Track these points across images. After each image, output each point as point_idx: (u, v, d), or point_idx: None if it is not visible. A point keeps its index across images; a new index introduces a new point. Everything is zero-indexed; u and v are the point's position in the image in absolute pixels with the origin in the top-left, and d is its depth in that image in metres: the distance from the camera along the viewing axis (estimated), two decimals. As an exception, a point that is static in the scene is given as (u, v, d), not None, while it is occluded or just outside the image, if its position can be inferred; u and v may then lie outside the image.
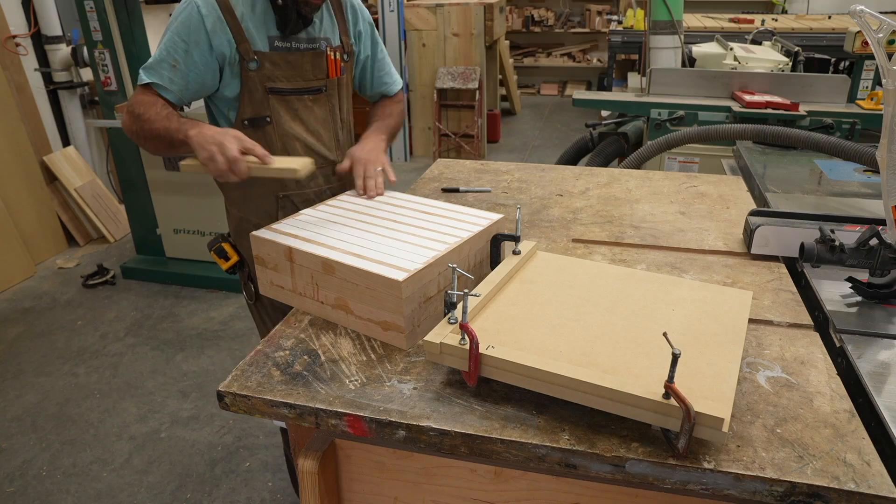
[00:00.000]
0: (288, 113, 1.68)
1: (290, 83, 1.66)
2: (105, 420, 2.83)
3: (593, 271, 1.28)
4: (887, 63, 1.14)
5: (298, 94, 1.68)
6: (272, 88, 1.64)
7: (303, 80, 1.68)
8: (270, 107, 1.65)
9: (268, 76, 1.62)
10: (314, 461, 1.07)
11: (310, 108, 1.72)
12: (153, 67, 1.56)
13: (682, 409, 0.85)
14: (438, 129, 6.03)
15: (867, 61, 3.30)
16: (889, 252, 1.23)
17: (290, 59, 1.64)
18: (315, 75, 1.70)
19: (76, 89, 4.66)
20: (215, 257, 1.83)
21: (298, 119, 1.71)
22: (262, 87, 1.63)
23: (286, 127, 1.68)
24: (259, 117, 1.65)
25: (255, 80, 1.62)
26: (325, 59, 1.71)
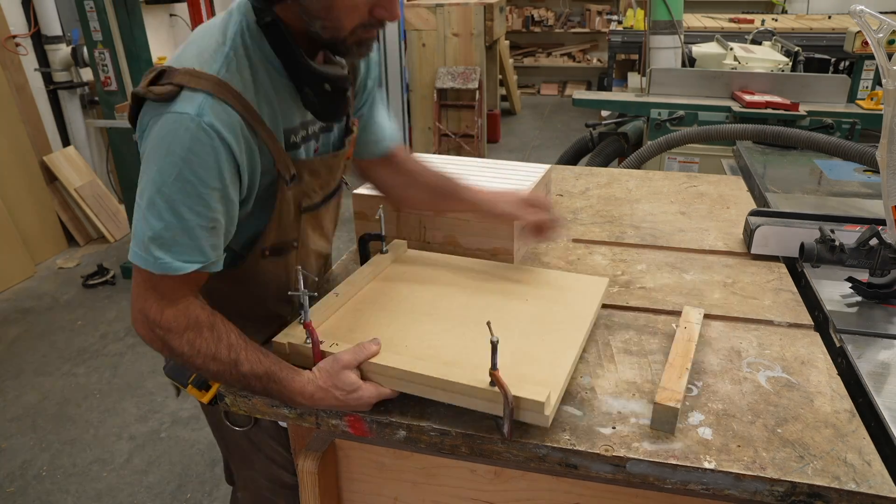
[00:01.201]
0: (315, 229, 1.25)
1: (323, 191, 1.21)
2: (105, 420, 2.83)
3: (458, 266, 1.33)
4: (887, 63, 1.14)
5: (326, 202, 1.25)
6: (307, 207, 1.18)
7: (333, 182, 1.25)
8: (300, 228, 1.19)
9: (304, 192, 1.16)
10: (314, 461, 1.07)
11: (329, 212, 1.30)
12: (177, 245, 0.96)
13: (502, 395, 0.89)
14: (438, 129, 6.03)
15: (867, 61, 3.30)
16: (889, 252, 1.23)
17: (329, 163, 1.20)
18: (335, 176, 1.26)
19: (76, 89, 4.65)
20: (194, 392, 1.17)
21: (319, 228, 1.27)
22: (295, 206, 1.15)
23: (310, 246, 1.26)
24: (284, 243, 1.19)
25: (290, 201, 1.13)
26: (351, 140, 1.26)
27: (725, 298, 1.31)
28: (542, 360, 1.02)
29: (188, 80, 0.95)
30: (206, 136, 0.93)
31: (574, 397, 1.02)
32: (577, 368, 1.09)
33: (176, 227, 0.96)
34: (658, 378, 1.06)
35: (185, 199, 0.95)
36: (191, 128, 0.93)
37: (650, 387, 1.04)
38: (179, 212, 0.95)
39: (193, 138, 0.93)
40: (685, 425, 0.95)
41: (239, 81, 0.99)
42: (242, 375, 1.00)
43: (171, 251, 0.96)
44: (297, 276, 1.02)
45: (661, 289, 1.35)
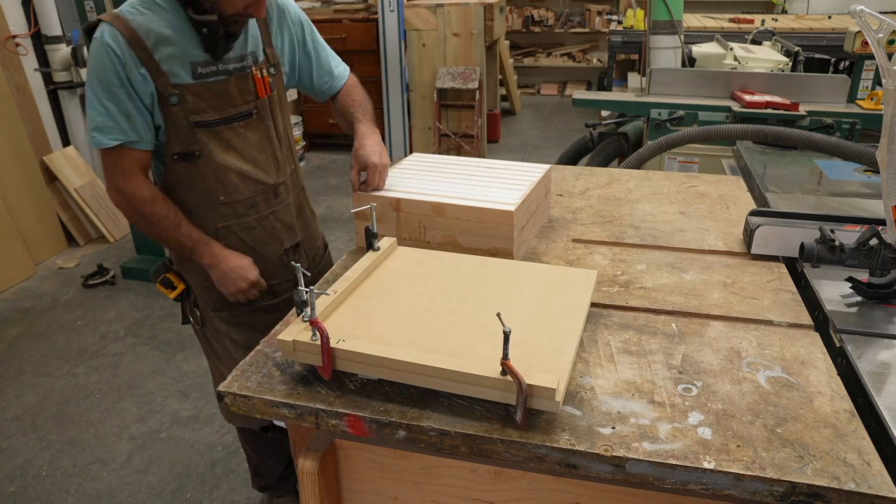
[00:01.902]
0: (219, 145, 1.57)
1: (218, 113, 1.54)
2: (105, 420, 2.83)
3: (450, 262, 1.34)
4: (887, 63, 1.14)
5: (228, 122, 1.57)
6: (198, 122, 1.52)
7: (231, 107, 1.56)
8: (199, 140, 1.54)
9: (191, 109, 1.51)
10: (314, 461, 1.07)
11: (242, 135, 1.61)
12: (107, 126, 1.45)
13: (515, 384, 0.90)
14: (438, 129, 6.03)
15: (867, 61, 3.29)
16: (889, 252, 1.23)
17: (215, 88, 1.52)
18: (243, 99, 1.58)
19: (76, 89, 4.66)
20: (161, 288, 1.79)
21: (231, 149, 1.60)
22: (186, 122, 1.51)
23: (218, 160, 1.58)
24: (188, 152, 1.55)
25: (178, 115, 1.50)
26: (251, 79, 1.59)
27: (725, 298, 1.31)
28: (544, 349, 1.04)
29: (103, 16, 1.46)
30: (105, 50, 1.41)
31: (574, 397, 1.02)
32: (577, 368, 1.09)
33: (104, 115, 1.45)
34: (658, 378, 1.06)
35: (104, 94, 1.44)
36: (97, 46, 1.42)
37: (650, 387, 1.04)
38: (103, 103, 1.44)
39: (98, 52, 1.42)
40: (685, 425, 0.95)
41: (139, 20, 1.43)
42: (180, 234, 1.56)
43: (103, 132, 1.46)
44: (298, 275, 1.06)
45: (660, 289, 1.35)
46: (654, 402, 1.00)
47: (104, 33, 1.42)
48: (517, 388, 0.91)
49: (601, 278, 1.39)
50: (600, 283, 1.37)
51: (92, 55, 1.44)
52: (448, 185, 1.57)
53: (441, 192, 1.53)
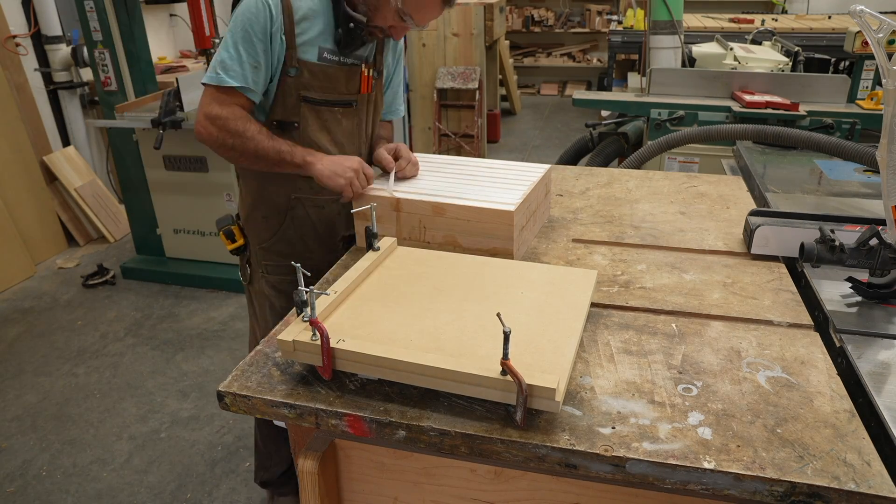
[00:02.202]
0: (317, 122, 1.69)
1: (323, 94, 1.67)
2: (105, 420, 2.83)
3: (450, 262, 1.34)
4: (887, 63, 1.14)
5: (329, 105, 1.69)
6: (306, 97, 1.65)
7: (336, 93, 1.69)
8: (301, 113, 1.66)
9: (304, 84, 1.63)
10: (314, 461, 1.07)
11: (338, 120, 1.73)
12: (233, 69, 1.55)
13: (515, 383, 0.90)
14: (438, 129, 6.03)
15: (867, 61, 3.30)
16: (889, 252, 1.23)
17: (329, 73, 1.65)
18: (348, 89, 1.71)
19: (76, 89, 4.66)
20: (223, 237, 1.88)
21: (325, 129, 1.71)
22: (296, 94, 1.64)
23: (312, 136, 1.69)
24: (288, 122, 1.67)
25: (291, 86, 1.62)
26: (359, 75, 1.72)
27: (725, 298, 1.31)
28: (544, 348, 1.04)
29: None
30: (263, 4, 1.52)
31: (574, 397, 1.02)
32: (577, 368, 1.09)
33: (234, 58, 1.55)
34: (658, 378, 1.06)
35: (243, 41, 1.54)
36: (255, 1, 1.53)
37: (650, 387, 1.04)
38: (238, 48, 1.55)
39: (256, 6, 1.53)
40: (685, 425, 0.95)
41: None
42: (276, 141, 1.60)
43: (227, 72, 1.55)
44: (298, 274, 1.07)
45: (660, 289, 1.35)
46: (654, 402, 1.00)
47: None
48: (517, 388, 0.91)
49: (601, 278, 1.39)
50: (600, 283, 1.37)
51: (247, 5, 1.54)
52: (448, 185, 1.57)
53: (441, 192, 1.53)
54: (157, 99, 3.63)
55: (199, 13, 3.58)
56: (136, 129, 3.69)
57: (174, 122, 3.40)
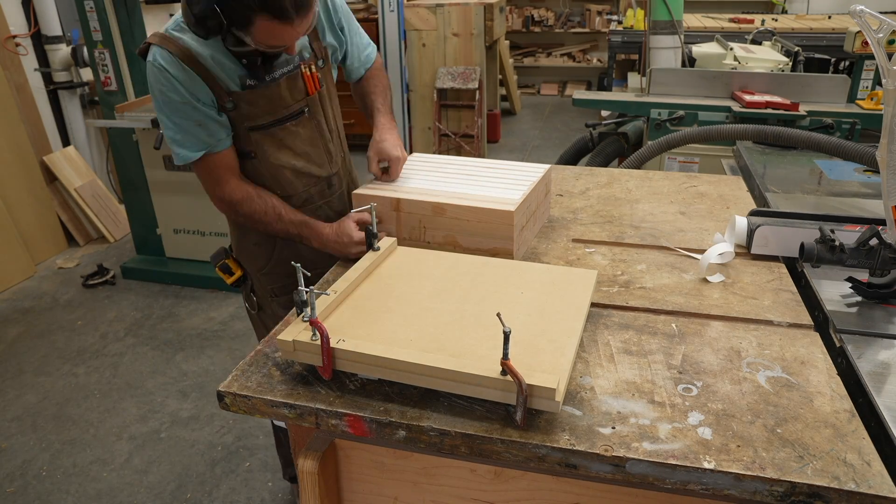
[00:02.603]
0: (273, 144, 1.62)
1: (271, 116, 1.59)
2: (105, 420, 2.83)
3: (450, 262, 1.34)
4: (887, 63, 1.14)
5: (280, 123, 1.61)
6: (252, 126, 1.58)
7: (283, 109, 1.60)
8: (253, 142, 1.60)
9: (246, 116, 1.56)
10: (314, 461, 1.07)
11: (294, 133, 1.65)
12: (187, 142, 1.51)
13: (515, 383, 0.90)
14: (438, 129, 6.03)
15: (867, 61, 3.29)
16: (889, 252, 1.23)
17: (267, 94, 1.56)
18: (294, 99, 1.62)
19: (76, 89, 4.65)
20: (220, 273, 1.85)
21: (285, 147, 1.64)
22: (240, 127, 1.57)
23: (272, 159, 1.63)
24: (244, 152, 1.61)
25: (235, 119, 1.56)
26: (301, 78, 1.61)
27: (725, 298, 1.31)
28: (544, 349, 1.04)
29: (151, 38, 1.49)
30: (159, 71, 1.46)
31: (574, 397, 1.02)
32: (577, 368, 1.09)
33: (179, 132, 1.51)
34: (658, 378, 1.06)
35: (172, 113, 1.49)
36: (152, 69, 1.47)
37: (650, 387, 1.04)
38: (174, 121, 1.50)
39: (155, 75, 1.47)
40: (685, 425, 0.95)
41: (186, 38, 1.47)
42: (284, 223, 1.59)
43: (184, 147, 1.52)
44: (298, 275, 1.07)
45: (660, 289, 1.35)
46: (654, 402, 1.00)
47: (156, 56, 1.46)
48: (517, 388, 0.91)
49: (601, 278, 1.39)
50: (600, 283, 1.37)
51: (150, 78, 1.49)
52: (448, 185, 1.57)
53: (441, 192, 1.53)
54: (157, 99, 3.63)
55: (199, 13, 3.58)
56: (136, 129, 3.69)
57: (174, 122, 3.40)
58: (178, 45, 1.47)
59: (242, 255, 1.82)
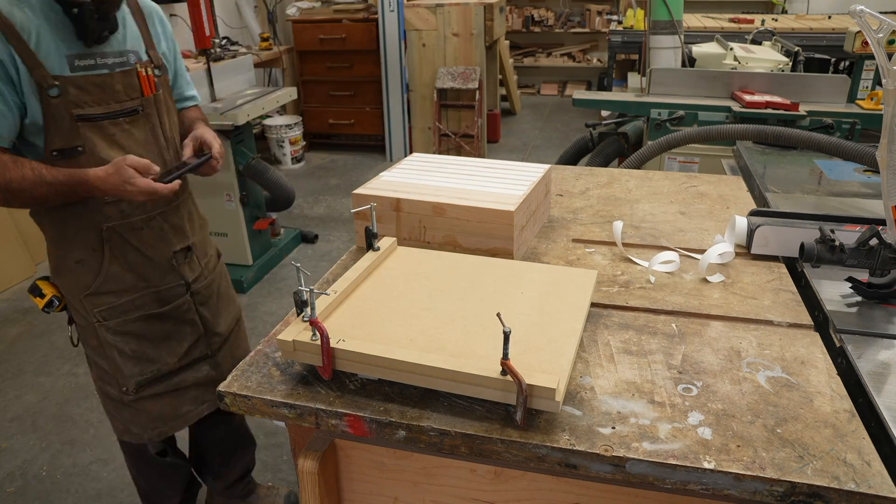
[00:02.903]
0: (103, 139, 1.54)
1: (102, 107, 1.52)
2: (105, 420, 2.83)
3: (450, 262, 1.34)
4: (887, 63, 1.14)
5: (113, 118, 1.54)
6: (81, 115, 1.48)
7: (116, 102, 1.54)
8: (82, 135, 1.50)
9: (74, 102, 1.46)
10: (314, 461, 1.07)
11: (127, 132, 1.58)
12: None
13: (515, 383, 0.90)
14: (438, 129, 6.03)
15: (867, 61, 3.29)
16: (889, 252, 1.23)
17: (98, 81, 1.50)
18: (129, 95, 1.56)
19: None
20: (32, 298, 1.74)
21: (116, 145, 1.56)
22: (68, 115, 1.47)
23: (103, 155, 1.53)
24: (70, 147, 1.50)
25: (60, 108, 1.45)
26: (136, 76, 1.58)
27: (725, 298, 1.31)
28: (544, 348, 1.04)
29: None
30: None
31: (574, 397, 1.02)
32: (577, 368, 1.09)
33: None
34: (658, 378, 1.06)
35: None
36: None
37: (650, 387, 1.04)
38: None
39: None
40: (685, 425, 0.95)
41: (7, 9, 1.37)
42: (49, 185, 1.44)
43: None
44: (299, 274, 1.06)
45: (660, 289, 1.35)
46: (654, 402, 1.00)
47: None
48: (517, 388, 0.91)
49: (601, 278, 1.39)
50: (600, 283, 1.37)
51: None
52: (448, 186, 1.57)
53: (441, 192, 1.53)
54: (157, 99, 3.63)
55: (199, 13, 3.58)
56: (136, 129, 3.69)
57: (174, 122, 3.39)
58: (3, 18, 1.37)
59: (63, 276, 1.68)
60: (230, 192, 3.74)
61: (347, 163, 6.25)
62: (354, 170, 6.05)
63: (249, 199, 3.82)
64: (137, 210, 1.64)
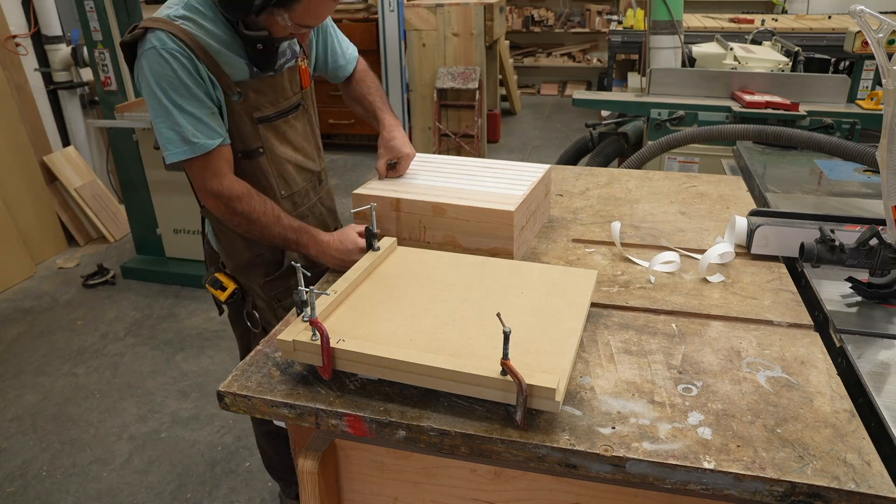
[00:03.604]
0: (277, 138, 1.61)
1: (274, 107, 1.58)
2: (105, 420, 2.83)
3: (450, 262, 1.34)
4: (887, 63, 1.14)
5: (283, 115, 1.61)
6: (260, 118, 1.55)
7: (284, 100, 1.60)
8: (262, 136, 1.57)
9: (253, 105, 1.53)
10: (314, 461, 1.07)
11: (293, 126, 1.66)
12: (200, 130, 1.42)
13: (515, 384, 0.90)
14: (438, 129, 6.03)
15: (867, 61, 3.30)
16: (889, 252, 1.23)
17: (271, 82, 1.56)
18: (293, 91, 1.63)
19: (76, 89, 4.65)
20: (211, 290, 1.77)
21: (287, 141, 1.64)
22: (249, 119, 1.53)
23: (278, 153, 1.61)
24: (252, 149, 1.56)
25: (242, 112, 1.52)
26: (298, 71, 1.63)
27: (725, 298, 1.31)
28: (544, 348, 1.04)
29: (148, 24, 1.38)
30: (170, 55, 1.36)
31: (574, 397, 1.02)
32: (577, 368, 1.09)
33: (193, 121, 1.40)
34: (658, 378, 1.06)
35: (185, 100, 1.39)
36: (158, 54, 1.36)
37: (650, 387, 1.04)
38: (187, 110, 1.39)
39: (163, 60, 1.36)
40: (685, 425, 0.95)
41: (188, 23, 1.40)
42: (283, 227, 1.51)
43: (199, 137, 1.41)
44: (298, 274, 1.06)
45: (660, 289, 1.35)
46: (654, 402, 1.00)
47: (163, 41, 1.36)
48: (517, 388, 0.91)
49: (601, 278, 1.39)
50: (600, 283, 1.37)
51: (155, 64, 1.37)
52: (448, 186, 1.57)
53: (441, 192, 1.53)
54: (157, 99, 3.63)
55: (199, 13, 3.58)
56: (136, 129, 3.69)
57: (174, 122, 3.40)
58: (185, 32, 1.39)
59: (246, 271, 1.73)
60: (230, 192, 3.74)
61: (347, 163, 6.25)
62: (354, 170, 6.05)
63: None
64: (305, 199, 1.71)
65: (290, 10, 1.36)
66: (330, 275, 1.49)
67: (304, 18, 1.39)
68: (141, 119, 3.54)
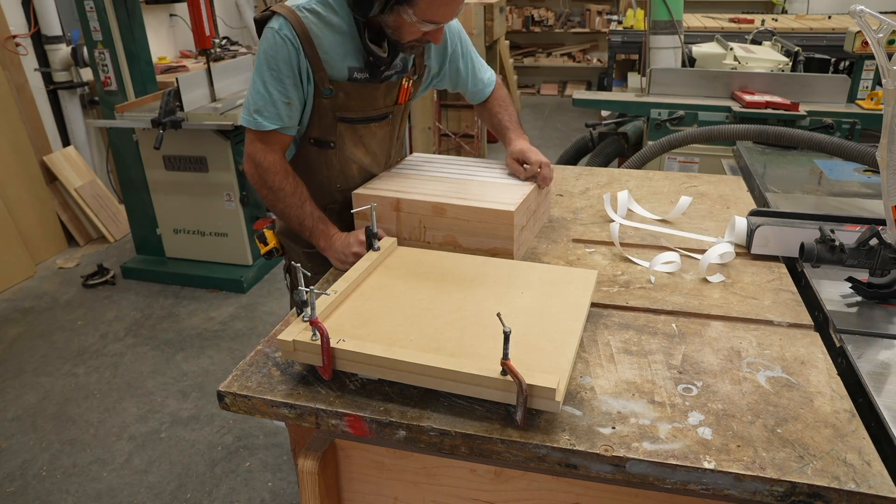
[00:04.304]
0: (352, 138, 1.66)
1: (360, 113, 1.63)
2: (105, 420, 2.83)
3: (450, 262, 1.34)
4: (887, 63, 1.14)
5: (367, 122, 1.66)
6: (342, 117, 1.61)
7: (373, 110, 1.65)
8: (338, 132, 1.63)
9: (340, 105, 1.59)
10: (314, 461, 1.07)
11: (373, 132, 1.70)
12: (267, 111, 1.52)
13: (515, 383, 0.90)
14: (438, 129, 6.03)
15: (867, 61, 3.29)
16: (889, 252, 1.23)
17: (366, 92, 1.60)
18: (386, 103, 1.67)
19: (76, 89, 4.65)
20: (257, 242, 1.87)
21: (361, 143, 1.69)
22: (332, 115, 1.60)
23: (348, 152, 1.67)
24: (325, 140, 1.64)
25: (327, 108, 1.58)
26: (398, 87, 1.67)
27: (725, 298, 1.31)
28: (544, 348, 1.04)
29: (277, 9, 1.51)
30: (282, 40, 1.48)
31: (574, 397, 1.02)
32: (577, 368, 1.09)
33: (266, 99, 1.51)
34: (658, 378, 1.06)
35: (271, 80, 1.50)
36: (274, 35, 1.48)
37: (650, 387, 1.04)
38: (268, 89, 1.51)
39: (275, 42, 1.48)
40: (685, 425, 0.95)
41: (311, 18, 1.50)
42: (303, 212, 1.57)
43: (262, 115, 1.52)
44: (298, 274, 1.07)
45: (660, 289, 1.35)
46: (654, 402, 1.00)
47: (282, 26, 1.48)
48: (517, 388, 0.91)
49: (601, 278, 1.39)
50: (600, 283, 1.37)
51: (267, 43, 1.50)
52: (448, 185, 1.57)
53: (441, 192, 1.53)
54: (157, 99, 3.63)
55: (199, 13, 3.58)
56: (136, 129, 3.69)
57: (174, 122, 3.40)
58: (302, 24, 1.49)
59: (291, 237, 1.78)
60: (230, 192, 3.74)
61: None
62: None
63: (249, 199, 3.82)
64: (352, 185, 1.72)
65: (412, 6, 1.40)
66: (330, 274, 1.49)
67: (427, 13, 1.41)
68: (141, 119, 3.54)
